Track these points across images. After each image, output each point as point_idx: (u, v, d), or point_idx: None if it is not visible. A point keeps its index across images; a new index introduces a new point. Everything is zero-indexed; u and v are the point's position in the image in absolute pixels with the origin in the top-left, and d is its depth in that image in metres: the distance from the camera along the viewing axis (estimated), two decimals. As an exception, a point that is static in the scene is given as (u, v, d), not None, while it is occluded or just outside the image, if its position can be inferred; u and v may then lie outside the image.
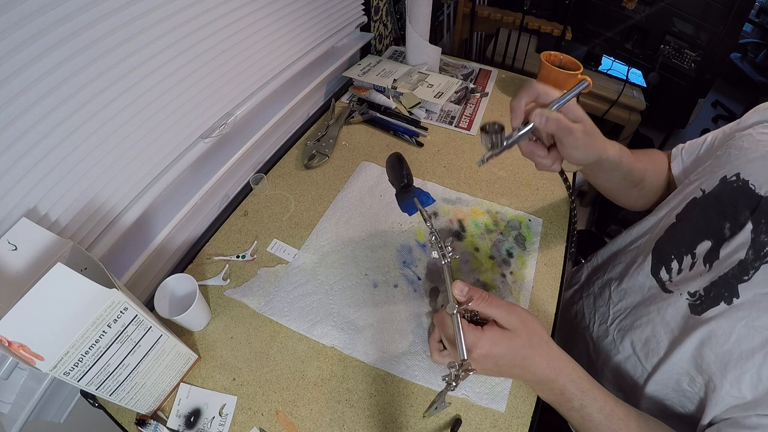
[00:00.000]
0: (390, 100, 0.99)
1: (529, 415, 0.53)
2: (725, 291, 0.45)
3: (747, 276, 0.43)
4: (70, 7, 0.46)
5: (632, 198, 0.65)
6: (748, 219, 0.45)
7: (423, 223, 0.74)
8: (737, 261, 0.45)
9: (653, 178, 0.63)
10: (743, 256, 0.44)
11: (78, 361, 0.39)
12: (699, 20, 1.41)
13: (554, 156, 0.50)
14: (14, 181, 0.45)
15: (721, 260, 0.47)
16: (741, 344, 0.42)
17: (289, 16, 0.82)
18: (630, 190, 0.62)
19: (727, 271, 0.45)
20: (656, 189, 0.64)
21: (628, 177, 0.58)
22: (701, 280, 0.48)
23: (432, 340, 0.51)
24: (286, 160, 0.86)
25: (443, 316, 0.45)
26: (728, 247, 0.46)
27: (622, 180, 0.58)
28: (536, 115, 0.45)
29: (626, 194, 0.64)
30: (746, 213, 0.46)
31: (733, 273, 0.45)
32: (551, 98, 0.46)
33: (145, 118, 0.58)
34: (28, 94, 0.44)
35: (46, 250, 0.42)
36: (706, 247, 0.49)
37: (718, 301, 0.45)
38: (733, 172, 0.49)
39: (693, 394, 0.48)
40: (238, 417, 0.52)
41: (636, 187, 0.62)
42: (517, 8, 1.60)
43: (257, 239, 0.71)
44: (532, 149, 0.50)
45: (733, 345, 0.43)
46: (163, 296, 0.56)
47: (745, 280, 0.43)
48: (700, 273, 0.49)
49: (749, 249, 0.44)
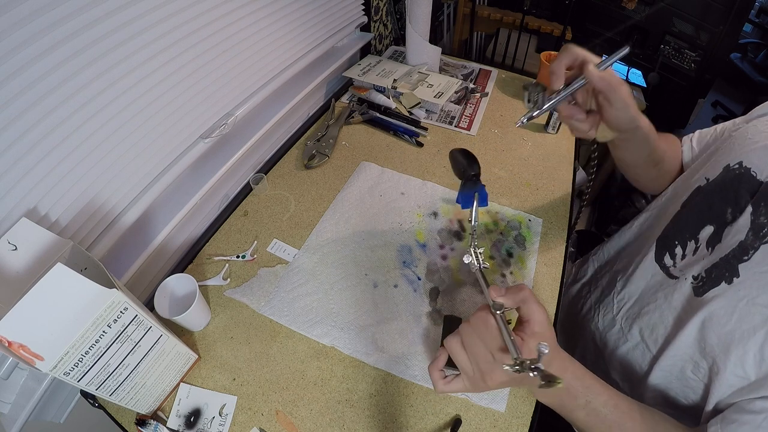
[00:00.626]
0: (390, 100, 0.99)
1: (529, 415, 0.53)
2: (726, 271, 0.46)
3: (747, 256, 0.44)
4: (70, 8, 0.46)
5: (650, 177, 0.65)
6: (748, 203, 0.46)
7: (422, 224, 0.74)
8: (737, 242, 0.46)
9: (670, 161, 0.64)
10: (743, 237, 0.45)
11: (78, 362, 0.39)
12: (699, 20, 1.41)
13: (592, 121, 0.49)
14: (14, 181, 0.45)
15: (722, 243, 0.48)
16: (743, 323, 0.43)
17: (289, 16, 0.82)
18: (650, 169, 0.63)
19: (727, 252, 0.46)
20: (671, 172, 0.65)
21: (652, 154, 0.58)
22: (703, 262, 0.49)
23: (434, 369, 0.44)
24: (286, 160, 0.86)
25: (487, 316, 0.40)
26: (729, 230, 0.47)
27: (647, 157, 0.58)
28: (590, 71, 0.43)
29: (646, 173, 0.64)
30: (746, 197, 0.47)
31: (733, 254, 0.45)
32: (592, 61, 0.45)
33: (146, 118, 0.58)
34: (29, 95, 0.44)
35: (46, 250, 0.42)
36: (709, 232, 0.50)
37: (719, 281, 0.46)
38: (736, 161, 0.50)
39: (697, 382, 0.49)
40: (238, 417, 0.52)
41: (656, 167, 0.62)
42: (517, 8, 1.60)
43: (257, 239, 0.71)
44: (571, 112, 0.48)
45: (735, 324, 0.43)
46: (163, 296, 0.56)
47: (745, 260, 0.44)
48: (703, 256, 0.49)
49: (749, 231, 0.45)
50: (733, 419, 0.41)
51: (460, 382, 0.42)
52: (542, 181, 0.83)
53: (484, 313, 0.40)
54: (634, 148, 0.56)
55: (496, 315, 0.39)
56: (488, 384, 0.39)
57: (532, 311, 0.40)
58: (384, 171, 0.83)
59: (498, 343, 0.38)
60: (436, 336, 0.60)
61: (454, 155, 0.61)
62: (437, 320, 0.61)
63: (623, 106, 0.46)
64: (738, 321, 0.43)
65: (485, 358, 0.39)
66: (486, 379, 0.39)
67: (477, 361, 0.40)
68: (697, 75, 1.51)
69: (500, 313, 0.39)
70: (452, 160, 0.62)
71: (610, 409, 0.43)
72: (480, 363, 0.39)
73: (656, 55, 1.53)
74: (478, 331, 0.40)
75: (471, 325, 0.41)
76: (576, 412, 0.44)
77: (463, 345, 0.41)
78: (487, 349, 0.39)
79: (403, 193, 0.79)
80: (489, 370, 0.39)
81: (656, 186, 0.67)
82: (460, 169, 0.59)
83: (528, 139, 0.93)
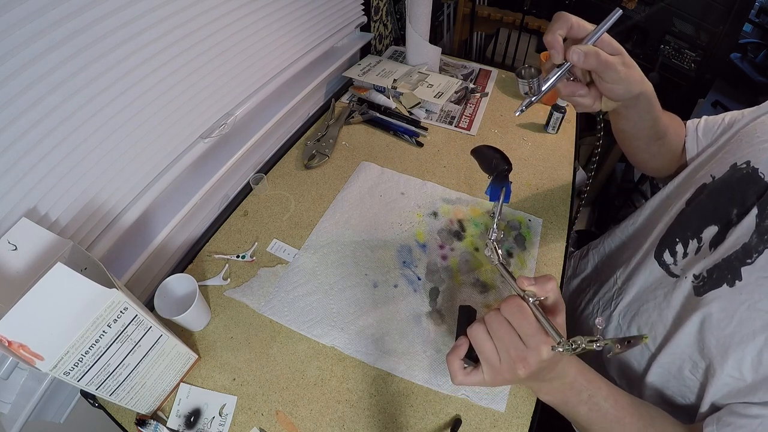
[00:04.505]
0: (390, 100, 0.99)
1: (529, 415, 0.53)
2: (728, 273, 0.45)
3: (750, 259, 0.43)
4: (70, 8, 0.46)
5: (651, 153, 0.62)
6: (754, 204, 0.45)
7: (422, 224, 0.74)
8: (741, 244, 0.45)
9: (673, 139, 0.61)
10: (747, 239, 0.44)
11: (78, 361, 0.39)
12: (699, 20, 1.41)
13: (594, 94, 0.47)
14: (14, 181, 0.45)
15: (725, 243, 0.47)
16: (743, 327, 0.43)
17: (289, 16, 0.82)
18: (652, 144, 0.60)
19: (730, 254, 0.45)
20: (673, 152, 0.63)
21: (656, 126, 0.55)
22: (705, 262, 0.48)
23: (454, 358, 0.42)
24: (286, 160, 0.86)
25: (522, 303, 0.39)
26: (734, 232, 0.47)
27: (650, 128, 0.56)
28: (573, 52, 0.42)
29: (648, 147, 0.61)
30: (753, 199, 0.46)
31: (736, 256, 0.45)
32: (585, 30, 0.43)
33: (145, 118, 0.58)
34: (29, 94, 0.44)
35: (46, 250, 0.42)
36: (713, 232, 0.49)
37: (721, 282, 0.45)
38: (744, 160, 0.49)
39: (694, 381, 0.49)
40: (238, 417, 0.52)
41: (658, 141, 0.59)
42: (517, 8, 1.60)
43: (257, 239, 0.71)
44: (571, 89, 0.46)
45: (735, 328, 0.43)
46: (163, 296, 0.56)
47: (748, 263, 0.43)
48: (705, 256, 0.49)
49: (753, 233, 0.44)
50: (728, 422, 0.41)
51: (480, 375, 0.40)
52: (542, 181, 0.83)
53: (518, 300, 0.39)
54: (638, 117, 0.53)
55: (530, 302, 0.38)
56: (518, 372, 0.38)
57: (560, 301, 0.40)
58: (384, 171, 0.83)
59: (533, 329, 0.37)
60: (436, 336, 0.60)
61: (482, 151, 0.60)
62: (437, 320, 0.61)
63: (617, 80, 0.44)
64: (738, 325, 0.43)
65: (517, 345, 0.38)
66: (517, 367, 0.37)
67: (507, 349, 0.38)
68: (697, 75, 1.50)
69: (534, 301, 0.38)
70: (480, 155, 0.61)
71: (611, 404, 0.43)
72: (510, 350, 0.38)
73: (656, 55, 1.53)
74: (513, 318, 0.38)
75: (502, 312, 0.39)
76: (579, 407, 0.43)
77: (489, 334, 0.39)
78: (519, 336, 0.38)
79: (403, 193, 0.79)
80: (521, 358, 0.37)
81: (656, 164, 0.65)
82: (491, 163, 0.58)
83: (528, 139, 0.93)
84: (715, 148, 0.57)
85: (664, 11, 1.44)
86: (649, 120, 0.54)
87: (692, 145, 0.61)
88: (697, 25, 1.42)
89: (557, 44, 0.42)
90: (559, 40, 0.42)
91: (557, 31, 0.42)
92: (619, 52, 0.44)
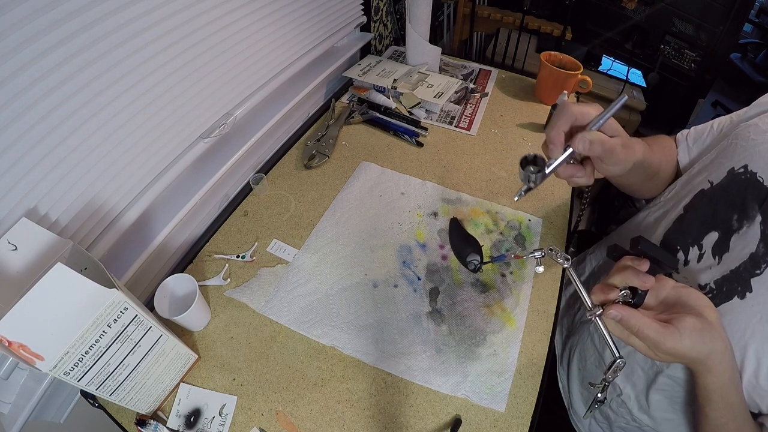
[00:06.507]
0: (390, 100, 0.99)
1: (529, 415, 0.53)
2: (738, 285, 0.45)
3: (759, 270, 0.43)
4: (70, 8, 0.46)
5: (647, 189, 0.65)
6: (757, 212, 0.45)
7: (422, 224, 0.74)
8: (748, 254, 0.44)
9: (666, 168, 0.63)
10: (754, 249, 0.44)
11: (78, 361, 0.39)
12: (699, 20, 1.41)
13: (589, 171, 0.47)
14: (14, 181, 0.45)
15: (731, 253, 0.46)
16: (755, 339, 0.42)
17: (288, 16, 0.82)
18: (647, 183, 0.62)
19: (738, 264, 0.45)
20: (668, 177, 0.65)
21: (647, 171, 0.57)
22: (711, 273, 0.48)
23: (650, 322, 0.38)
24: (286, 160, 0.86)
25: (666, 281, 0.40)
26: (738, 239, 0.46)
27: (643, 175, 0.57)
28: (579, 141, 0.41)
29: (642, 186, 0.64)
30: (755, 206, 0.46)
31: (744, 267, 0.44)
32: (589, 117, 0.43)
33: (145, 118, 0.58)
34: (29, 95, 0.44)
35: (46, 250, 0.42)
36: (714, 238, 0.49)
37: (731, 295, 0.45)
38: (741, 164, 0.49)
39: None
40: (238, 417, 0.52)
41: (652, 179, 0.61)
42: (517, 8, 1.60)
43: (257, 239, 0.71)
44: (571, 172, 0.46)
45: (748, 340, 0.43)
46: (163, 296, 0.56)
47: (757, 274, 0.43)
48: (710, 266, 0.48)
49: (760, 242, 0.44)
50: None
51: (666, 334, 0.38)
52: (542, 181, 0.83)
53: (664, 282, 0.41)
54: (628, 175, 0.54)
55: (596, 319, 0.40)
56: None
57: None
58: (384, 171, 0.83)
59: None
60: (436, 336, 0.60)
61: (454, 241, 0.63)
62: (437, 320, 0.61)
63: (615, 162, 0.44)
64: (751, 336, 0.43)
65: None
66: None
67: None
68: (697, 75, 1.51)
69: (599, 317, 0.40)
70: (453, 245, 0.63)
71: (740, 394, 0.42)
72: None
73: (656, 55, 1.53)
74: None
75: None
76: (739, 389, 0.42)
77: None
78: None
79: (403, 193, 0.79)
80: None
81: (653, 193, 0.67)
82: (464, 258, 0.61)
83: (528, 139, 0.93)
84: (710, 154, 0.57)
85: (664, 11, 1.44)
86: (641, 173, 0.55)
87: (684, 156, 0.62)
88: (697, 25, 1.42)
89: (557, 141, 0.43)
90: (561, 136, 0.42)
91: (561, 128, 0.42)
92: (618, 134, 0.44)
